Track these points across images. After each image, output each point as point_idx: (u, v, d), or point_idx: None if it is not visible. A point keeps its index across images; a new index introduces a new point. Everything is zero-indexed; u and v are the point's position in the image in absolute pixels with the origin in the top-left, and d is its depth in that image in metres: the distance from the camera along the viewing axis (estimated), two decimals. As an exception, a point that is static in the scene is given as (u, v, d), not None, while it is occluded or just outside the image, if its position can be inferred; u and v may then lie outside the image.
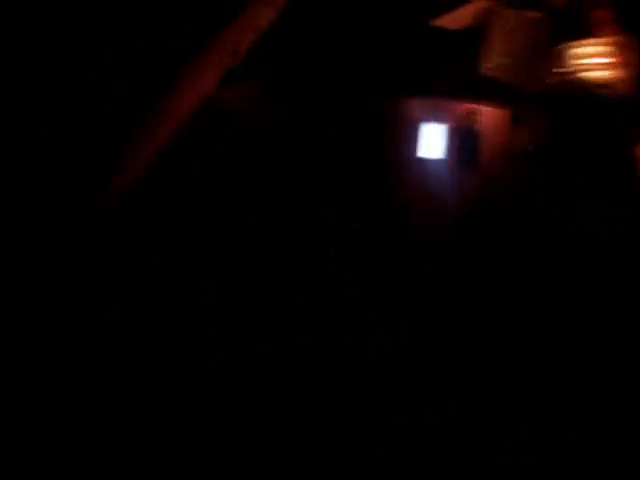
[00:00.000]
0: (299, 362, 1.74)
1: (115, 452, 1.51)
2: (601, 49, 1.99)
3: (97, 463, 1.49)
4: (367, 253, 1.94)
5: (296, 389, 1.70)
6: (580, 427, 1.64)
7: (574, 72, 2.03)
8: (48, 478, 1.47)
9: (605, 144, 2.01)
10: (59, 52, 1.78)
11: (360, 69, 2.16)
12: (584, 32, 2.04)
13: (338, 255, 1.92)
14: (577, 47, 2.04)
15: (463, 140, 2.07)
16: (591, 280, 1.86)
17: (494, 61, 2.13)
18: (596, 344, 1.77)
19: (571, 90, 2.04)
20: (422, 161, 2.09)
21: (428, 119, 2.09)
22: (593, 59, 2.00)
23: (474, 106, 2.07)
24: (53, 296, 1.69)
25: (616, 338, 1.77)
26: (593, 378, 1.72)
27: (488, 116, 2.08)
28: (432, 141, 2.09)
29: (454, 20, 2.19)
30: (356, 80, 2.14)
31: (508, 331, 1.82)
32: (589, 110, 2.02)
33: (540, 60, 2.11)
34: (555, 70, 2.07)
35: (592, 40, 2.03)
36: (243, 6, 1.92)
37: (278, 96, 2.12)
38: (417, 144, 2.09)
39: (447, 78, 2.17)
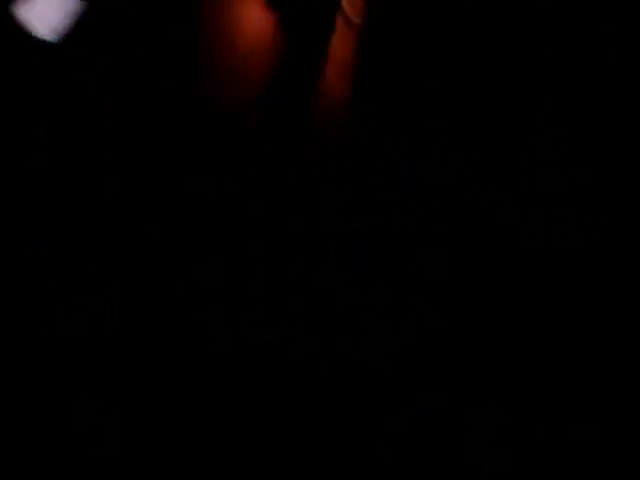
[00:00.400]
0: (299, 362, 1.74)
1: (115, 451, 1.52)
2: None
3: (97, 463, 1.49)
4: (367, 253, 1.94)
5: (296, 389, 1.70)
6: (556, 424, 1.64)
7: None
8: (48, 478, 1.47)
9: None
10: (62, 51, 1.78)
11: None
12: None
13: (338, 255, 1.92)
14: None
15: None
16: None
17: None
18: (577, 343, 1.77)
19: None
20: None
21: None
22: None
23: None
24: (53, 296, 1.70)
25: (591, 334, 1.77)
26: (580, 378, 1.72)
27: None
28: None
29: None
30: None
31: (506, 331, 1.82)
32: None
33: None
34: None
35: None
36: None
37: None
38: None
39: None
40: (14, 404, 1.55)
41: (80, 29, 1.64)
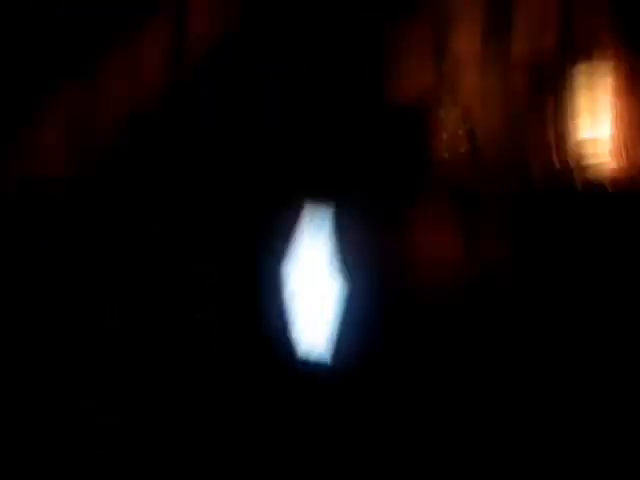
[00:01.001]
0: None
1: (115, 452, 1.52)
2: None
3: (97, 463, 1.50)
4: (367, 254, 1.93)
5: (296, 388, 1.70)
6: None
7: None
8: (48, 478, 1.47)
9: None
10: (59, 51, 1.78)
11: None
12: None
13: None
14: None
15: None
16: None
17: None
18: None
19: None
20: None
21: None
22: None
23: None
24: (53, 296, 1.70)
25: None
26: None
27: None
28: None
29: None
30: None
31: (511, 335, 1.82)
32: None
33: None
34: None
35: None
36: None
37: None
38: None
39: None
40: (14, 404, 1.55)
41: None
